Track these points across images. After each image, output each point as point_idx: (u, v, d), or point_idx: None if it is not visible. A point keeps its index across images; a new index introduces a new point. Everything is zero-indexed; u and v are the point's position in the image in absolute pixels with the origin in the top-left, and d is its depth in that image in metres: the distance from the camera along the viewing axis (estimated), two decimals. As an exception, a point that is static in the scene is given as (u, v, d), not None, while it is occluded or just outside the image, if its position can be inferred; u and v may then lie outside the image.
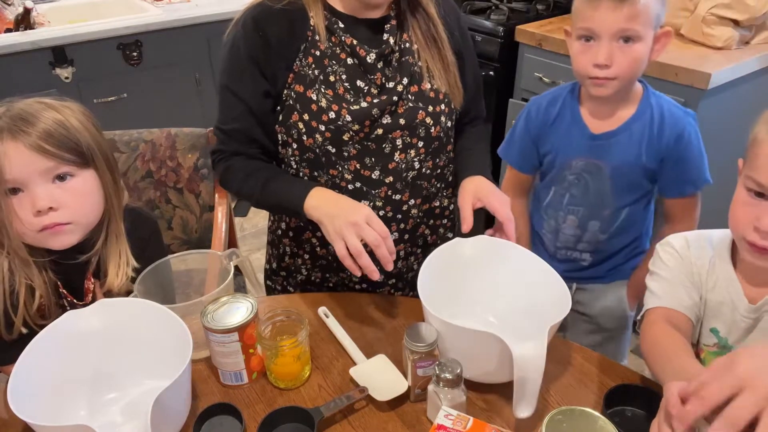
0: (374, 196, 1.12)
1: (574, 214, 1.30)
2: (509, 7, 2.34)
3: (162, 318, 0.91)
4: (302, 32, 1.07)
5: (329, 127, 1.07)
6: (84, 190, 0.99)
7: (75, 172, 0.97)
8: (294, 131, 1.09)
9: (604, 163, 1.22)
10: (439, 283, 0.99)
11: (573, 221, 1.30)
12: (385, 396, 0.90)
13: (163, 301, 0.95)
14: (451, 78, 1.13)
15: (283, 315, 0.97)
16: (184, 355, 0.83)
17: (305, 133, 1.08)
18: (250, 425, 0.88)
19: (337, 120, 1.06)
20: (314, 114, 1.06)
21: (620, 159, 1.21)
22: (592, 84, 1.15)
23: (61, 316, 0.91)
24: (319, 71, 1.07)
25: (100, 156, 1.01)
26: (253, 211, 3.07)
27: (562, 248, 1.36)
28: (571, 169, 1.26)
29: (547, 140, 1.29)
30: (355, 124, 1.06)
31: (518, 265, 1.02)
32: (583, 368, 0.98)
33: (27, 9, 2.33)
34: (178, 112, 2.67)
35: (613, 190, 1.24)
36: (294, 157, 1.13)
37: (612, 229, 1.29)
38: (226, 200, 1.51)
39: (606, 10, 1.08)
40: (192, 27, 2.57)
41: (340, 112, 1.06)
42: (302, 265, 1.25)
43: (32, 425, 0.76)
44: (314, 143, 1.08)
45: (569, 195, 1.28)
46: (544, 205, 1.35)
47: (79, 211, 0.98)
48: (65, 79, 2.34)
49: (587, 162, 1.24)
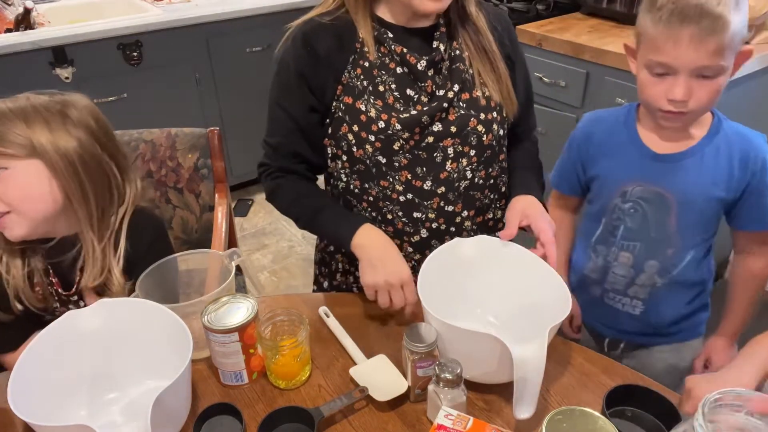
0: (426, 207, 1.12)
1: (629, 251, 1.12)
2: (509, 7, 2.34)
3: (162, 318, 0.91)
4: (351, 44, 1.07)
5: (379, 137, 1.06)
6: (19, 180, 0.99)
7: (10, 164, 0.98)
8: (344, 143, 1.09)
9: (669, 191, 1.05)
10: (439, 283, 0.99)
11: (627, 259, 1.13)
12: (385, 396, 0.90)
13: (165, 300, 0.95)
14: (503, 88, 1.12)
15: (283, 315, 0.97)
16: (184, 355, 0.83)
17: (355, 144, 1.08)
18: (250, 425, 0.88)
19: (387, 129, 1.05)
20: (364, 124, 1.06)
21: (689, 188, 1.04)
22: (663, 116, 1.01)
23: (61, 316, 0.91)
24: (368, 82, 1.07)
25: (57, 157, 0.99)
26: (253, 211, 3.07)
27: (609, 292, 1.18)
28: (626, 196, 1.09)
29: (596, 161, 1.13)
30: (405, 132, 1.06)
31: (518, 266, 1.02)
32: (583, 368, 0.98)
33: (27, 9, 2.33)
34: (178, 112, 2.67)
35: (679, 225, 1.07)
36: (344, 169, 1.13)
37: (674, 272, 1.11)
38: (226, 200, 1.51)
39: (688, 46, 0.92)
40: (192, 27, 2.58)
41: (389, 120, 1.05)
42: (353, 283, 1.25)
43: (32, 425, 0.76)
44: (364, 154, 1.08)
45: (624, 227, 1.11)
46: (592, 241, 1.17)
47: (14, 200, 0.98)
48: (65, 79, 2.34)
49: (646, 188, 1.07)
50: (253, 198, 3.18)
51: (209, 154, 1.50)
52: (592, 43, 1.92)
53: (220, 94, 2.81)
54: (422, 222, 1.13)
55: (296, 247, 2.79)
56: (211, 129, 1.50)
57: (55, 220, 1.04)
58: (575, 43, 1.95)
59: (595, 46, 1.90)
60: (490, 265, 1.04)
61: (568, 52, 1.98)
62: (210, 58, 2.71)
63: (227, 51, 2.73)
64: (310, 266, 2.67)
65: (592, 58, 1.92)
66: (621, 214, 1.11)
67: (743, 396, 0.66)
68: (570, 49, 1.97)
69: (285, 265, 2.67)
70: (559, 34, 2.03)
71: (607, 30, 2.08)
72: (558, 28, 2.10)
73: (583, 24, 2.16)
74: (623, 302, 1.17)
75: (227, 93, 2.83)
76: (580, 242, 1.23)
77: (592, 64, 1.93)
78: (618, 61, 1.84)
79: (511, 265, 1.03)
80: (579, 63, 1.96)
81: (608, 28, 2.10)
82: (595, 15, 2.24)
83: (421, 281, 0.96)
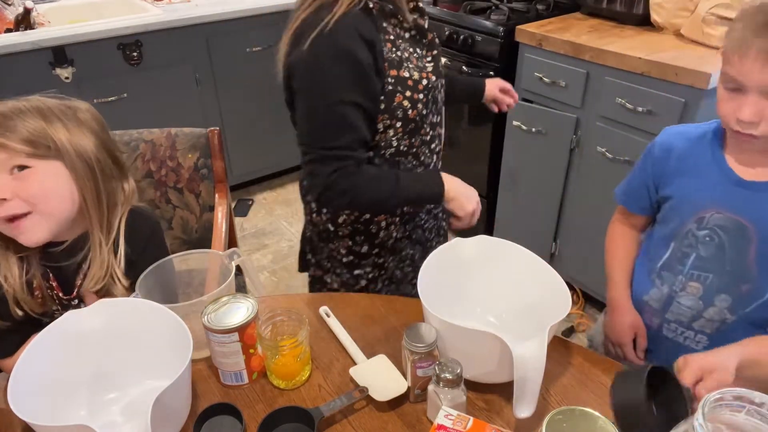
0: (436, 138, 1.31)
1: (699, 282, 1.04)
2: (509, 7, 2.34)
3: (162, 318, 0.91)
4: (376, 24, 1.13)
5: (425, 93, 1.20)
6: (42, 179, 0.98)
7: (33, 163, 0.97)
8: (399, 111, 1.18)
9: (751, 222, 0.97)
10: (439, 283, 0.99)
11: (696, 290, 1.04)
12: (385, 396, 0.90)
13: (165, 300, 0.95)
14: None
15: (283, 315, 0.97)
16: (184, 355, 0.83)
17: (410, 107, 1.18)
18: (250, 425, 0.88)
19: (428, 84, 1.20)
20: (412, 88, 1.18)
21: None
22: (733, 137, 0.96)
23: (62, 316, 0.91)
24: (399, 52, 1.17)
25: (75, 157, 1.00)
26: (253, 211, 3.07)
27: (672, 323, 1.09)
28: (702, 223, 1.01)
29: (672, 180, 1.05)
30: (438, 81, 1.23)
31: (518, 265, 1.02)
32: (583, 368, 0.98)
33: (27, 9, 2.33)
34: (178, 112, 2.68)
35: (758, 261, 0.98)
36: (396, 135, 1.22)
37: (747, 310, 1.02)
38: (226, 200, 1.51)
39: (755, 60, 0.86)
40: (192, 27, 2.58)
41: (428, 77, 1.20)
42: (393, 228, 1.35)
43: (32, 425, 0.76)
44: (417, 113, 1.20)
45: (695, 256, 1.03)
46: (657, 266, 1.10)
47: (36, 199, 0.98)
48: (65, 79, 2.34)
49: (726, 216, 0.98)
50: (253, 198, 3.18)
51: (209, 154, 1.50)
52: (592, 43, 1.92)
53: (220, 94, 2.81)
54: (436, 153, 1.34)
55: (296, 247, 2.78)
56: (211, 129, 1.50)
57: (71, 223, 1.04)
58: (575, 43, 1.95)
59: (595, 46, 1.90)
60: (490, 265, 1.04)
61: (568, 52, 1.98)
62: (210, 58, 2.71)
63: (227, 51, 2.74)
64: (310, 266, 2.67)
65: (592, 58, 1.92)
66: (694, 241, 1.02)
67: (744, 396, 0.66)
68: (570, 49, 1.97)
69: (285, 265, 2.67)
70: (559, 34, 2.03)
71: (607, 30, 2.08)
72: (558, 28, 2.10)
73: (583, 24, 2.16)
74: (686, 335, 1.09)
75: (227, 93, 2.83)
76: (642, 266, 1.15)
77: (592, 64, 1.93)
78: (618, 61, 1.84)
79: (511, 265, 1.03)
80: (579, 63, 1.96)
81: (608, 28, 2.10)
82: (595, 15, 2.24)
83: (421, 281, 0.96)
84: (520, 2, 2.40)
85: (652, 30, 2.05)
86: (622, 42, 1.93)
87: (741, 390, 0.67)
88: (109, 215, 1.07)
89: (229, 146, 2.92)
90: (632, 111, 1.84)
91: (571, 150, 2.09)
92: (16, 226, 0.98)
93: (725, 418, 0.66)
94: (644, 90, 1.80)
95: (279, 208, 3.09)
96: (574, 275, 2.26)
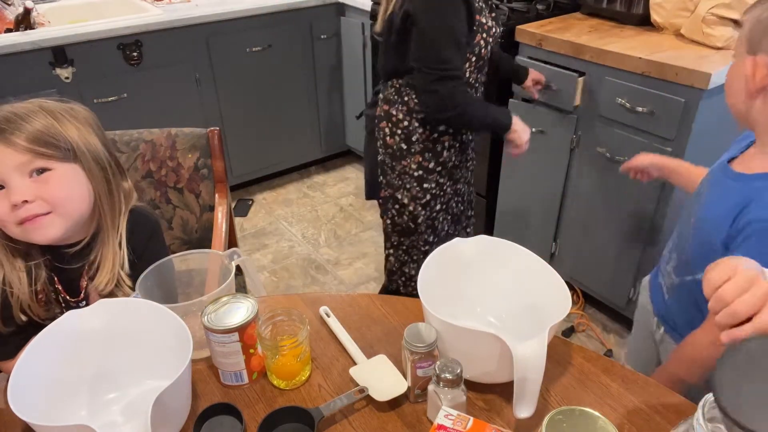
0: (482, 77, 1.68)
1: (674, 236, 1.18)
2: (509, 7, 2.34)
3: (162, 318, 0.91)
4: None
5: (493, 37, 1.56)
6: (62, 181, 0.99)
7: (53, 165, 0.98)
8: (477, 48, 1.54)
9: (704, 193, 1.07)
10: (439, 283, 0.99)
11: (672, 243, 1.17)
12: (385, 396, 0.90)
13: (165, 300, 0.95)
14: None
15: (283, 315, 0.97)
16: (184, 355, 0.83)
17: (483, 47, 1.55)
18: (250, 425, 0.88)
19: (496, 32, 1.57)
20: (487, 31, 1.54)
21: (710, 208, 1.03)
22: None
23: (62, 316, 0.91)
24: (480, 3, 1.53)
25: (90, 158, 1.01)
26: (253, 211, 3.08)
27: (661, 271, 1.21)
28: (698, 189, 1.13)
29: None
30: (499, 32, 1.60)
31: (518, 265, 1.02)
32: (583, 368, 0.98)
33: (27, 9, 2.34)
34: (178, 112, 2.68)
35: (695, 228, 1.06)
36: (470, 67, 1.58)
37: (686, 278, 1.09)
38: (226, 200, 1.51)
39: None
40: (192, 27, 2.58)
41: (497, 26, 1.57)
42: (453, 153, 1.72)
43: (32, 425, 0.76)
44: (487, 53, 1.57)
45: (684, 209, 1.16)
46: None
47: (56, 200, 0.99)
48: (65, 79, 2.34)
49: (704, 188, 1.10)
50: (253, 198, 3.18)
51: (209, 154, 1.50)
52: (592, 43, 1.92)
53: (220, 94, 2.81)
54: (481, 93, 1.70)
55: (296, 247, 2.79)
56: (211, 129, 1.50)
57: (82, 224, 1.05)
58: (575, 43, 1.95)
59: (595, 46, 1.90)
60: (490, 265, 1.04)
61: (568, 52, 1.98)
62: (210, 58, 2.71)
63: (227, 51, 2.74)
64: (310, 266, 2.69)
65: (592, 58, 1.92)
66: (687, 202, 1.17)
67: None
68: (570, 49, 1.97)
69: (285, 265, 2.67)
70: (559, 34, 2.03)
71: (607, 30, 2.08)
72: (558, 28, 2.10)
73: (583, 24, 2.16)
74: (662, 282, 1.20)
75: (227, 93, 2.83)
76: None
77: (592, 64, 1.93)
78: (618, 61, 1.84)
79: (510, 265, 1.03)
80: (579, 63, 1.96)
81: (608, 28, 2.10)
82: (595, 15, 2.24)
83: (421, 281, 0.96)
84: (520, 2, 2.40)
85: (652, 30, 2.05)
86: (622, 42, 1.93)
87: None
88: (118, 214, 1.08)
89: (229, 146, 2.93)
90: (632, 111, 1.84)
91: (571, 150, 2.09)
92: (33, 221, 0.97)
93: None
94: (644, 90, 1.80)
95: (279, 208, 3.10)
96: (574, 275, 2.25)
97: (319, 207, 3.11)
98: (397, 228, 1.78)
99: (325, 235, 2.87)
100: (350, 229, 2.91)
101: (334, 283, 2.57)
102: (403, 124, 1.65)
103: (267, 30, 2.79)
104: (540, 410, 0.85)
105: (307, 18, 2.91)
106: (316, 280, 2.58)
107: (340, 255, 2.73)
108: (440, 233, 1.81)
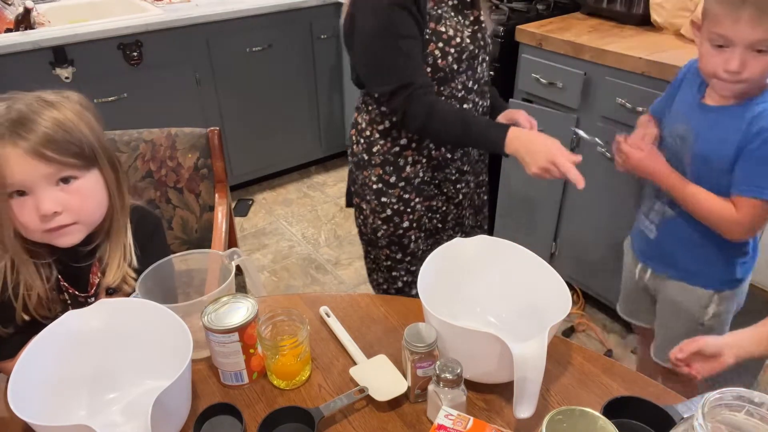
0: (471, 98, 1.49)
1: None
2: (509, 7, 2.34)
3: (162, 318, 0.91)
4: None
5: (456, 49, 1.39)
6: (88, 191, 0.99)
7: (79, 174, 0.98)
8: (430, 58, 1.38)
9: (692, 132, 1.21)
10: (439, 283, 0.99)
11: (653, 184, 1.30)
12: (385, 396, 0.90)
13: (165, 300, 0.95)
14: None
15: (283, 315, 0.97)
16: (184, 355, 0.83)
17: (440, 57, 1.38)
18: (250, 425, 0.88)
19: (461, 43, 1.40)
20: (446, 41, 1.38)
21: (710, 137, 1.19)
22: (718, 83, 1.15)
23: (62, 316, 0.91)
24: (440, 11, 1.38)
25: (103, 154, 1.01)
26: (253, 211, 3.08)
27: (642, 214, 1.38)
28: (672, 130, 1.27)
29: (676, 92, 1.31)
30: (471, 45, 1.41)
31: (518, 265, 1.02)
32: (583, 368, 0.98)
33: (27, 9, 2.34)
34: (178, 112, 2.68)
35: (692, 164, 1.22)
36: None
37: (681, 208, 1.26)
38: (226, 200, 1.51)
39: (746, 24, 1.05)
40: (192, 27, 2.58)
41: (462, 37, 1.40)
42: (420, 168, 1.53)
43: (32, 425, 0.76)
44: (446, 64, 1.39)
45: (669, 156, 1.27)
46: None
47: (83, 211, 0.99)
48: (65, 79, 2.34)
49: (684, 128, 1.24)
50: (253, 198, 3.18)
51: (209, 154, 1.50)
52: (592, 43, 1.92)
53: (220, 94, 2.81)
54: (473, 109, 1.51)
55: (296, 247, 2.79)
56: (211, 129, 1.50)
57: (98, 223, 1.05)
58: (575, 43, 1.95)
59: (595, 46, 1.90)
60: (490, 265, 1.04)
61: (568, 52, 1.98)
62: (210, 58, 2.71)
63: (227, 51, 2.74)
64: (310, 266, 2.69)
65: (592, 58, 1.92)
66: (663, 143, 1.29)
67: (744, 396, 0.66)
68: (570, 49, 1.97)
69: (285, 265, 2.67)
70: (559, 34, 2.03)
71: (607, 30, 2.08)
72: (558, 28, 2.10)
73: (583, 24, 2.16)
74: (645, 224, 1.36)
75: (227, 93, 2.83)
76: None
77: (592, 64, 1.93)
78: (618, 61, 1.84)
79: (511, 265, 1.03)
80: (579, 63, 1.96)
81: (608, 28, 2.10)
82: (595, 15, 2.24)
83: (421, 281, 0.96)
84: (520, 2, 2.39)
85: (652, 30, 2.05)
86: (622, 42, 1.93)
87: (741, 390, 0.67)
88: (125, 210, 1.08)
89: (229, 146, 2.92)
90: (632, 111, 1.84)
91: (571, 150, 2.09)
92: (59, 232, 0.98)
93: (724, 417, 0.66)
94: (644, 90, 1.80)
95: (279, 208, 3.10)
96: (574, 275, 2.25)
97: (319, 207, 3.11)
98: (364, 237, 1.67)
99: (325, 235, 2.87)
100: (350, 228, 2.90)
101: (334, 283, 2.57)
102: (365, 134, 1.54)
103: (267, 30, 2.79)
104: (540, 410, 0.85)
105: (307, 18, 2.91)
106: (316, 280, 2.58)
107: (340, 255, 2.73)
108: (415, 252, 1.61)
